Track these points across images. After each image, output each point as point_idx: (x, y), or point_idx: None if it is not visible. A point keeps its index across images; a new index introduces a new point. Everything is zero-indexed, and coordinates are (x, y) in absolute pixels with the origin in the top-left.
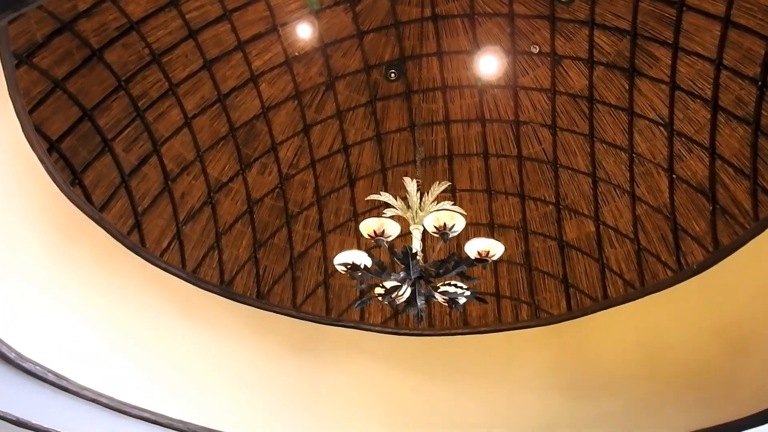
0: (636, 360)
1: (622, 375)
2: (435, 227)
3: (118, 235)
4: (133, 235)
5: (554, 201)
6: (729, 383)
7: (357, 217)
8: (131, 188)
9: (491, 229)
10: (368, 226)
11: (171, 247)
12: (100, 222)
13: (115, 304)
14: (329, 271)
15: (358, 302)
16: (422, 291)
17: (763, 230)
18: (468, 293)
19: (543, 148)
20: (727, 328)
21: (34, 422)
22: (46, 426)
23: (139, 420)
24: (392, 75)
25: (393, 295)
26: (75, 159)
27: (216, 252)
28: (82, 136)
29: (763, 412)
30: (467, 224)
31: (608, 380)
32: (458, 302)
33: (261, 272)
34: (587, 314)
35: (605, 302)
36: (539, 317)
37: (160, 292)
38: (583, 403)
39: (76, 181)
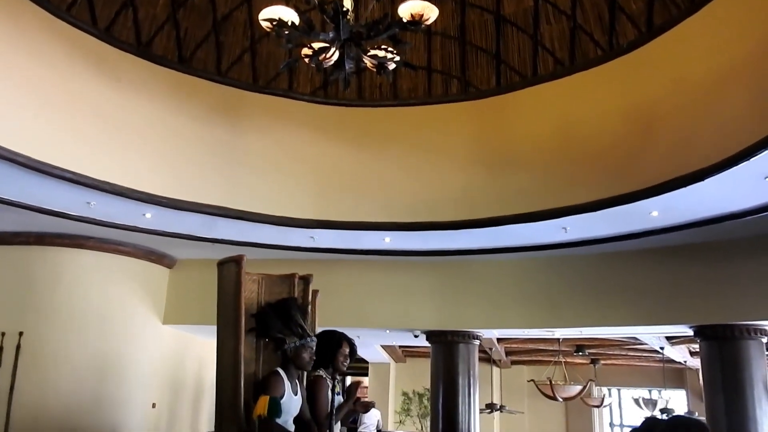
0: (553, 136)
1: (540, 150)
2: None
3: None
4: None
5: None
6: (635, 159)
7: None
8: None
9: None
10: None
11: (78, 2)
12: None
13: (19, 60)
14: (256, 37)
15: (284, 63)
16: (351, 54)
17: (695, 12)
18: (398, 59)
19: None
20: (641, 108)
21: None
22: None
23: (61, 180)
24: None
25: (321, 57)
26: None
27: (130, 10)
28: None
29: (660, 184)
30: None
31: (527, 155)
32: (387, 68)
33: (182, 35)
34: (514, 90)
35: (532, 79)
36: (468, 92)
37: (70, 49)
38: (502, 175)
39: None
